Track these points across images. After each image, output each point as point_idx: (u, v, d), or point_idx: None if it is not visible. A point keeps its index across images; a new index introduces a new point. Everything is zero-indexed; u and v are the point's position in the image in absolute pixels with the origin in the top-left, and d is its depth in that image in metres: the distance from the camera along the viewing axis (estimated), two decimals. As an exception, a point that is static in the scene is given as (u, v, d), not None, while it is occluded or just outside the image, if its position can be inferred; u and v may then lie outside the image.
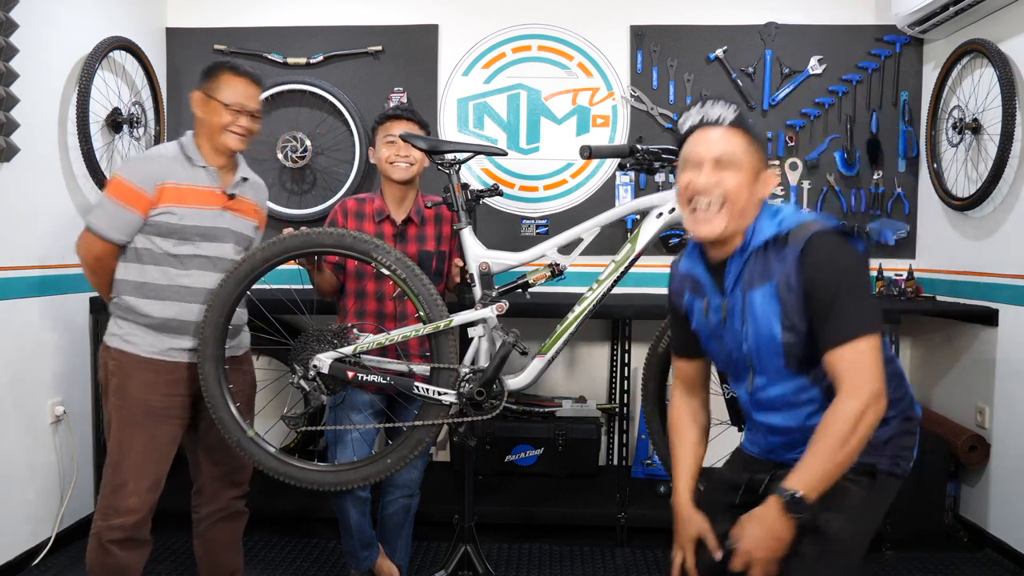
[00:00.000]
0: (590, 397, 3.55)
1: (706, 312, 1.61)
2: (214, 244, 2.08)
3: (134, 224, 2.02)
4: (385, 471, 2.03)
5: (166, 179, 2.02)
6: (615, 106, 3.56)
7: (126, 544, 2.01)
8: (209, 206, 2.07)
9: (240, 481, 2.24)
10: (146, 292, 2.03)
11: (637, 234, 2.00)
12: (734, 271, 1.53)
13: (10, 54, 2.56)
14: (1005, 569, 2.84)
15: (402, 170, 2.33)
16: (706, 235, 1.51)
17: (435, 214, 2.42)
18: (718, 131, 1.49)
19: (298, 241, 2.00)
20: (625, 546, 3.01)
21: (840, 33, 3.47)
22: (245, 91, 2.09)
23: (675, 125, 1.58)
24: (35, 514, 2.77)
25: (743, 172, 1.48)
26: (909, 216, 3.50)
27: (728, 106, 1.51)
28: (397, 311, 2.32)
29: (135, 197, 2.00)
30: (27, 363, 2.71)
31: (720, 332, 1.59)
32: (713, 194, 1.48)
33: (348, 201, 2.40)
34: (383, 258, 1.97)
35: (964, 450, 2.99)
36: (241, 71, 2.10)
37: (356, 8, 3.57)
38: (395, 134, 2.31)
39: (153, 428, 2.03)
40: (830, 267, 1.41)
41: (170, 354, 2.04)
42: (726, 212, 1.48)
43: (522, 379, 2.08)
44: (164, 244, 2.03)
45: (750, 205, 1.50)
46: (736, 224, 1.50)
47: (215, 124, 2.06)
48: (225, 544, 2.24)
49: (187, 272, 2.05)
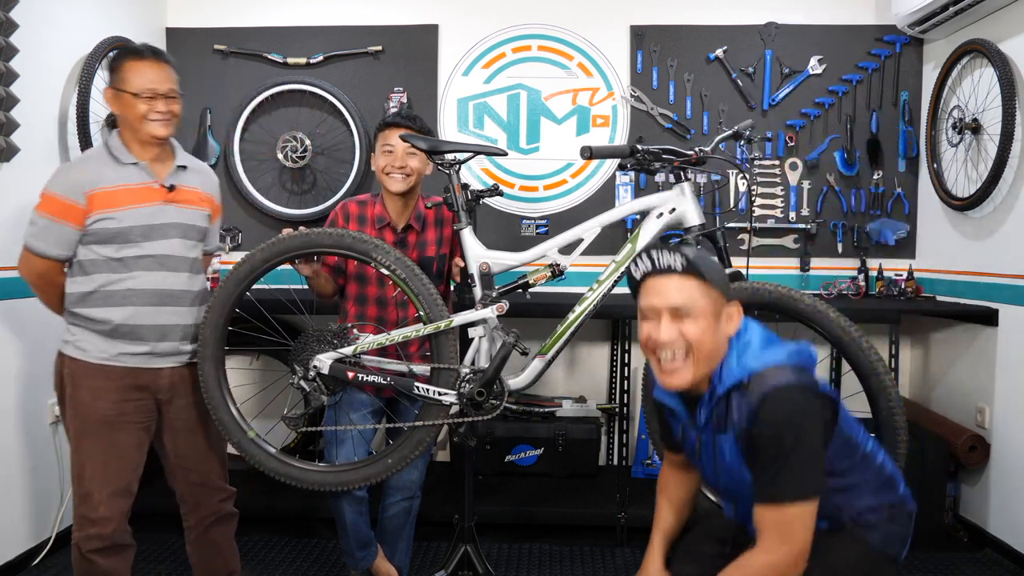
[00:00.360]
0: (590, 397, 3.55)
1: (682, 435, 1.62)
2: (159, 242, 1.99)
3: (71, 237, 1.95)
4: (386, 471, 2.03)
5: (95, 185, 1.94)
6: (615, 106, 3.56)
7: (106, 552, 1.98)
8: (147, 203, 1.98)
9: (219, 485, 2.18)
10: (94, 301, 1.97)
11: (637, 234, 2.00)
12: (704, 414, 1.53)
13: (10, 54, 2.55)
14: (1005, 569, 2.84)
15: (398, 182, 2.28)
16: (676, 386, 1.50)
17: (435, 216, 2.40)
18: (671, 280, 1.46)
19: (297, 241, 2.00)
20: (625, 546, 3.01)
21: (840, 33, 3.47)
22: (153, 74, 1.98)
23: (629, 276, 1.58)
24: (35, 514, 2.77)
25: (702, 318, 1.45)
26: (909, 216, 3.50)
27: (677, 253, 1.47)
28: (400, 318, 2.30)
29: (66, 210, 1.93)
30: (27, 363, 2.71)
31: (701, 457, 1.59)
32: (676, 346, 1.46)
33: (349, 204, 2.37)
34: (382, 258, 1.96)
35: (964, 450, 2.99)
36: (144, 54, 1.99)
37: (356, 8, 3.57)
38: (392, 143, 2.27)
39: (110, 436, 1.98)
40: (778, 426, 1.39)
41: (121, 359, 1.98)
42: (691, 361, 1.47)
43: (522, 379, 2.08)
44: (105, 251, 1.95)
45: (716, 347, 1.48)
46: (704, 368, 1.48)
47: (132, 117, 1.97)
48: (218, 548, 2.21)
49: (132, 274, 1.97)
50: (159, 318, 2.00)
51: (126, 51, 2.00)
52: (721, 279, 1.50)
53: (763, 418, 1.40)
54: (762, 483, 1.43)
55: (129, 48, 2.02)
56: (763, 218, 3.51)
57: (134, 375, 2.00)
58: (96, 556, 1.97)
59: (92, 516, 1.96)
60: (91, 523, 1.96)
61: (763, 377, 1.43)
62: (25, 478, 2.72)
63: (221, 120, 3.58)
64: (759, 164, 3.50)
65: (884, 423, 1.82)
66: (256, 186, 3.55)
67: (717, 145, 2.08)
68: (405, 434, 2.04)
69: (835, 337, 1.82)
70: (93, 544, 1.97)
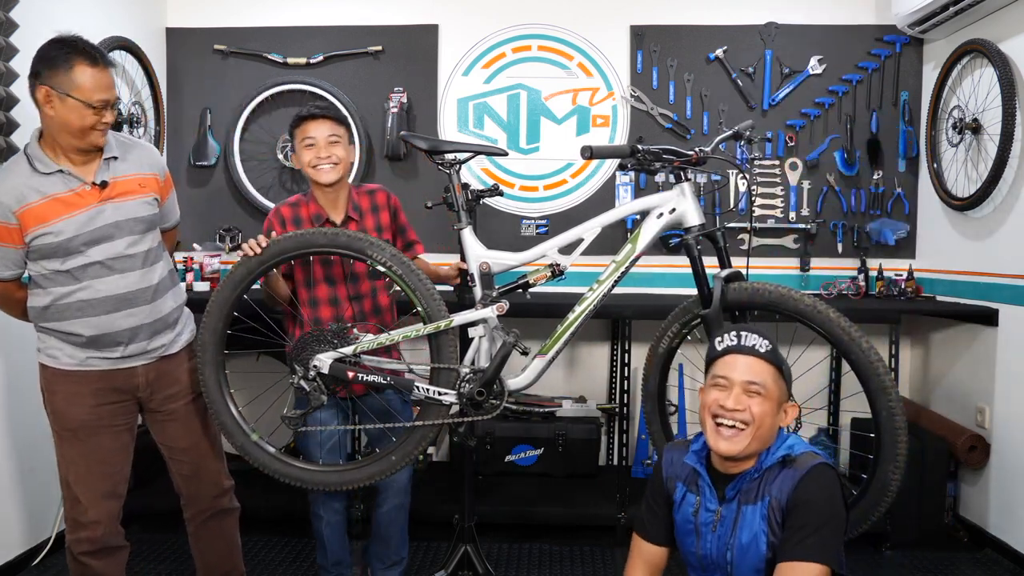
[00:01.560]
0: (590, 397, 3.55)
1: (696, 511, 1.65)
2: (103, 245, 1.90)
3: (14, 257, 1.89)
4: (390, 468, 2.04)
5: (21, 202, 1.83)
6: (615, 106, 3.56)
7: (98, 555, 1.98)
8: (81, 209, 1.87)
9: (212, 480, 2.15)
10: (51, 315, 1.92)
11: (638, 234, 2.00)
12: (736, 488, 1.59)
13: (10, 54, 2.55)
14: (1005, 569, 2.84)
15: (327, 172, 2.21)
16: (726, 451, 1.57)
17: (370, 204, 2.35)
18: (752, 359, 1.58)
19: (292, 242, 2.00)
20: (625, 546, 2.97)
21: (840, 33, 3.47)
22: (106, 81, 1.85)
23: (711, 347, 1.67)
24: (35, 514, 2.77)
25: (770, 401, 1.57)
26: (909, 216, 3.50)
27: (763, 339, 1.59)
28: (356, 312, 2.26)
29: (1, 232, 1.85)
30: (27, 363, 2.70)
31: (705, 533, 1.63)
32: (741, 416, 1.56)
33: (282, 208, 2.29)
34: (378, 255, 1.96)
35: (964, 450, 2.99)
36: (98, 59, 1.84)
37: (356, 8, 3.57)
38: (314, 136, 2.20)
39: (89, 441, 1.96)
40: (823, 496, 1.51)
41: (90, 363, 1.95)
42: (750, 434, 1.56)
43: (522, 379, 2.08)
44: (51, 264, 1.88)
45: (771, 432, 1.59)
46: (756, 447, 1.58)
47: (76, 126, 1.83)
48: (217, 544, 2.20)
49: (82, 285, 1.90)
50: (116, 324, 1.94)
51: (75, 51, 1.82)
52: (790, 376, 1.63)
53: (810, 485, 1.52)
54: (793, 543, 1.50)
55: (79, 47, 1.83)
56: (763, 218, 3.51)
57: (108, 378, 1.97)
58: (88, 559, 1.97)
59: (81, 520, 1.96)
60: (81, 527, 1.96)
61: (808, 455, 1.56)
62: (24, 479, 2.72)
63: (221, 120, 3.58)
64: (759, 164, 3.50)
65: (884, 423, 1.81)
66: (256, 186, 3.55)
67: (717, 145, 2.07)
68: (406, 432, 2.04)
69: (835, 337, 1.82)
70: (84, 547, 1.97)
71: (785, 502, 1.53)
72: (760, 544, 1.56)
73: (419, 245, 2.47)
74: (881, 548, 2.96)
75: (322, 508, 2.37)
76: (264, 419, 2.33)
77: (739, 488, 1.59)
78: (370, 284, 2.31)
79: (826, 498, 1.52)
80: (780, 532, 1.53)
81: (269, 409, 2.32)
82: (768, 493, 1.55)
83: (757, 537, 1.56)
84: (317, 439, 2.28)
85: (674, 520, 1.70)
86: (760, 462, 1.58)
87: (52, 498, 2.82)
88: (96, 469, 1.97)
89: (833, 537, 1.51)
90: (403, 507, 2.46)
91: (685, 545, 1.69)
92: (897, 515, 2.90)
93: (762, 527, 1.55)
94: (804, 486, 1.52)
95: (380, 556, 2.46)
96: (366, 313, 2.28)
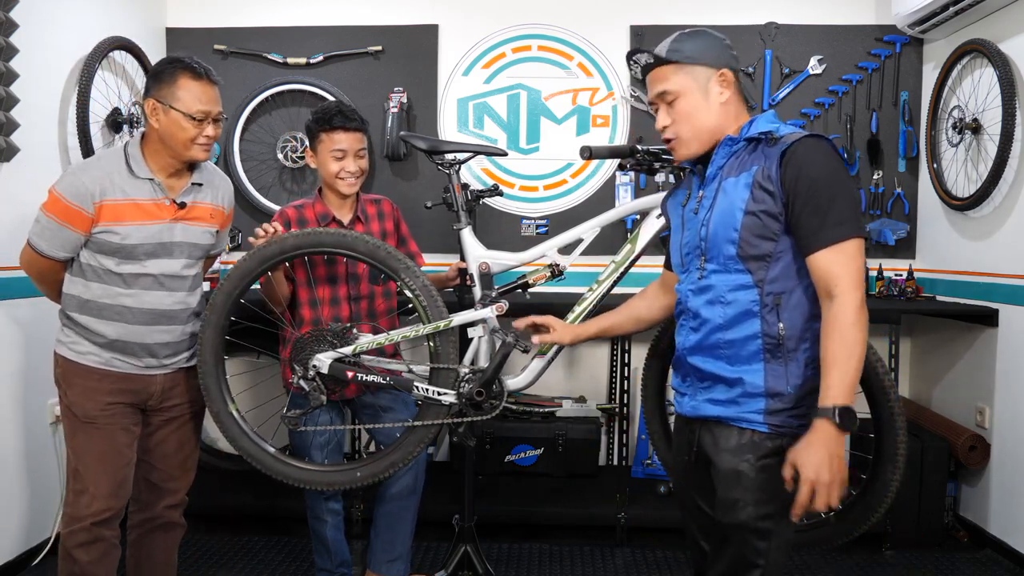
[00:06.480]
0: (590, 397, 3.55)
1: (685, 202, 1.67)
2: (162, 261, 1.96)
3: (74, 242, 1.92)
4: (391, 467, 2.04)
5: (104, 196, 1.88)
6: (615, 106, 3.56)
7: (92, 548, 1.95)
8: (155, 220, 1.93)
9: (174, 489, 2.14)
10: (89, 310, 1.95)
11: (637, 234, 2.00)
12: (720, 158, 1.58)
13: (10, 54, 2.55)
14: (1005, 569, 2.84)
15: (352, 185, 2.26)
16: (684, 157, 1.63)
17: (376, 211, 2.37)
18: (652, 73, 1.62)
19: (297, 240, 2.00)
20: (625, 546, 3.01)
21: (840, 33, 3.47)
22: (209, 95, 1.92)
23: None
24: (35, 514, 2.77)
25: (686, 95, 1.58)
26: (909, 216, 3.50)
27: (645, 53, 1.60)
28: (352, 312, 2.27)
29: (72, 215, 1.88)
30: (27, 363, 2.71)
31: (690, 221, 1.64)
32: (672, 129, 1.61)
33: (287, 210, 2.30)
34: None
35: (964, 450, 2.99)
36: (202, 74, 1.91)
37: (356, 8, 3.57)
38: (345, 148, 2.21)
39: (102, 433, 1.97)
40: (822, 168, 1.46)
41: (114, 364, 1.97)
42: (690, 133, 1.59)
43: (522, 379, 2.08)
44: (107, 262, 1.92)
45: (714, 113, 1.58)
46: (707, 136, 1.59)
47: (178, 138, 1.90)
48: (156, 559, 2.16)
49: (130, 292, 1.94)
50: (149, 337, 1.98)
51: (182, 65, 1.91)
52: (697, 53, 1.57)
53: (800, 160, 1.46)
54: (815, 227, 1.45)
55: (185, 62, 1.91)
56: (763, 218, 3.50)
57: (128, 380, 2.00)
58: (81, 552, 1.95)
59: (83, 513, 1.95)
60: (81, 518, 1.96)
61: (798, 133, 1.51)
62: (24, 479, 2.72)
63: (221, 120, 3.58)
64: (759, 164, 3.49)
65: (884, 423, 1.81)
66: (256, 186, 3.55)
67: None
68: (406, 431, 2.05)
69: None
70: (81, 538, 1.94)
71: (776, 169, 1.48)
72: (736, 213, 1.51)
73: (420, 257, 2.48)
74: (881, 548, 2.96)
75: (322, 510, 2.37)
76: (261, 418, 2.33)
77: (721, 165, 1.57)
78: (370, 286, 2.32)
79: (832, 168, 1.46)
80: (764, 199, 1.48)
81: (267, 409, 2.32)
82: (755, 163, 1.51)
83: (733, 204, 1.52)
84: (312, 439, 2.28)
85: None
86: (741, 133, 1.56)
87: (52, 499, 2.83)
88: (109, 460, 1.98)
89: (851, 209, 1.46)
90: (409, 507, 2.45)
91: (672, 248, 1.72)
92: (897, 515, 2.90)
93: (741, 195, 1.51)
94: (793, 161, 1.46)
95: (382, 551, 2.44)
96: (364, 314, 2.28)
